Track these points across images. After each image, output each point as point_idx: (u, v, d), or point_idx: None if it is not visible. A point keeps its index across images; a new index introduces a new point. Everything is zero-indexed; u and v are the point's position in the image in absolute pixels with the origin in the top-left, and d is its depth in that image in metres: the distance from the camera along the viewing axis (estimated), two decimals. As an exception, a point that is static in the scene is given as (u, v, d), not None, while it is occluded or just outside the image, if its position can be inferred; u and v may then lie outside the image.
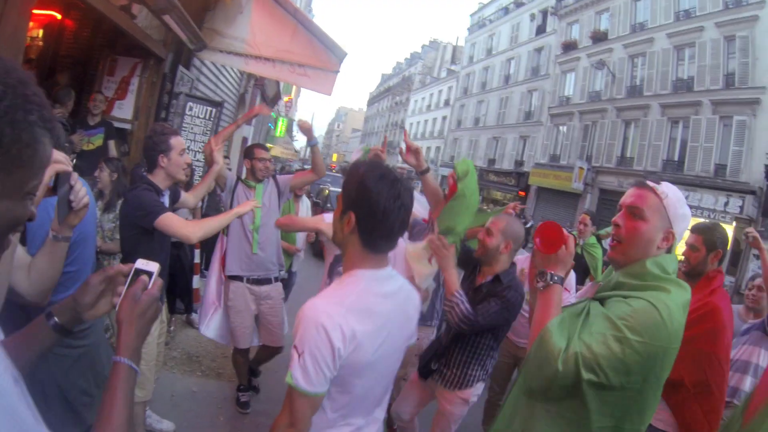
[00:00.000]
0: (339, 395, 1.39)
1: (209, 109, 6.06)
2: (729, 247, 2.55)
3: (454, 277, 2.58)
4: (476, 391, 2.85)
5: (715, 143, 16.19)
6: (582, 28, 24.08)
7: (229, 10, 4.93)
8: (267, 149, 3.82)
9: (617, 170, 20.33)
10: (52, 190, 1.33)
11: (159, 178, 2.67)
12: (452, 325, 2.58)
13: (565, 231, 1.62)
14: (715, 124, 16.29)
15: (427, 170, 2.92)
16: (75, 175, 1.36)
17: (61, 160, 1.32)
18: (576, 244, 5.23)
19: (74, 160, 2.93)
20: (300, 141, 37.64)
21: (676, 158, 17.83)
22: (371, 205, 1.36)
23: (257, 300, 3.68)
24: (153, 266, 1.07)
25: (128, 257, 2.60)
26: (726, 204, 15.30)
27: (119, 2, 3.90)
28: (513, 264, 2.81)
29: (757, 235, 3.15)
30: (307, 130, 3.82)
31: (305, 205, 5.55)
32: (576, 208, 21.88)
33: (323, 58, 5.00)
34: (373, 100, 68.72)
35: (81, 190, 1.39)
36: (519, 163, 28.00)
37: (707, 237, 2.51)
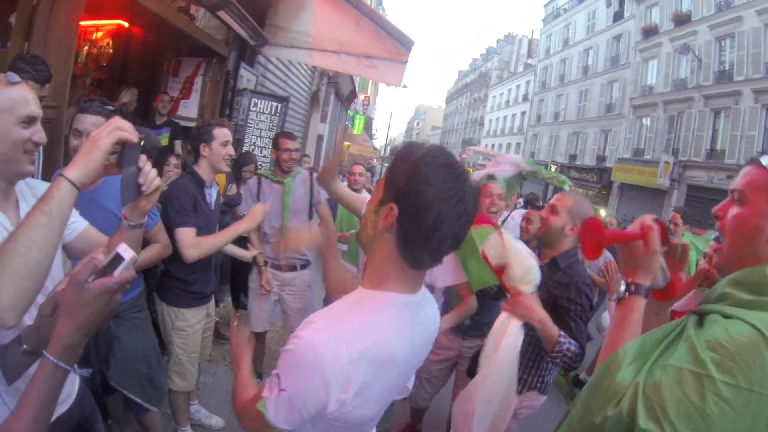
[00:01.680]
0: None
1: (274, 104, 6.09)
2: None
3: (549, 322, 2.04)
4: (527, 401, 2.43)
5: (818, 132, 14.23)
6: (662, 10, 22.14)
7: (290, 5, 5.01)
8: (294, 138, 3.49)
9: (707, 164, 18.52)
10: (117, 165, 1.17)
11: (202, 169, 2.68)
12: (565, 369, 2.13)
13: (643, 223, 1.26)
14: (816, 110, 14.33)
15: None
16: (143, 156, 1.21)
17: (124, 128, 1.15)
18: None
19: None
20: (380, 138, 37.78)
21: (772, 149, 15.91)
22: (422, 201, 1.00)
23: (280, 286, 3.60)
24: (128, 254, 0.93)
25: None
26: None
27: (177, 4, 4.11)
28: (575, 247, 2.36)
29: None
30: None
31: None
32: (662, 205, 20.28)
33: (390, 48, 4.87)
34: (451, 98, 68.32)
35: (151, 172, 1.23)
36: (601, 159, 26.40)
37: None
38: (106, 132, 1.12)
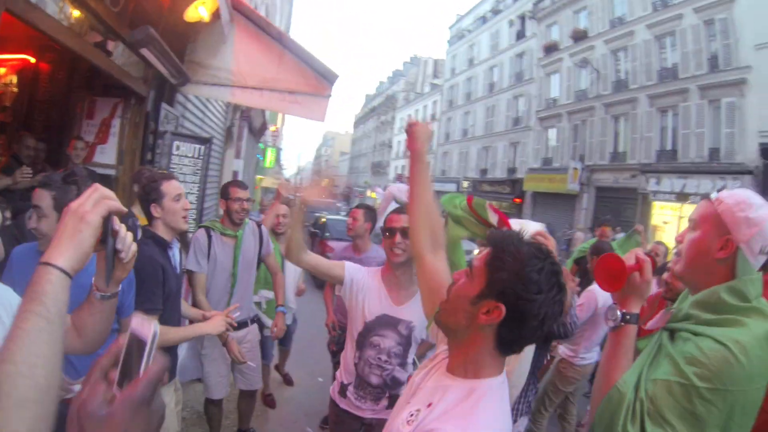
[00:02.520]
0: None
1: (197, 146, 5.66)
2: None
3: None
4: (519, 427, 2.64)
5: (707, 128, 16.17)
6: (561, 28, 24.24)
7: (211, 40, 4.71)
8: (245, 187, 3.42)
9: (612, 166, 20.26)
10: (101, 241, 0.99)
11: (160, 230, 2.40)
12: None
13: (638, 256, 1.39)
14: (704, 109, 16.26)
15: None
16: (115, 219, 1.03)
17: (110, 195, 0.99)
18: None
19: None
20: (289, 170, 37.72)
21: (669, 147, 17.73)
22: (533, 308, 1.06)
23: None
24: (149, 329, 0.67)
25: None
26: (724, 187, 15.09)
27: (93, 39, 3.68)
28: None
29: None
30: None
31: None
32: (574, 209, 21.74)
33: (314, 83, 4.79)
34: (358, 122, 69.17)
35: (128, 235, 1.08)
36: (512, 171, 27.92)
37: None
38: (91, 204, 0.93)
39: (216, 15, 4.00)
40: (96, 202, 0.94)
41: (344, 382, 2.46)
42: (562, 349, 3.87)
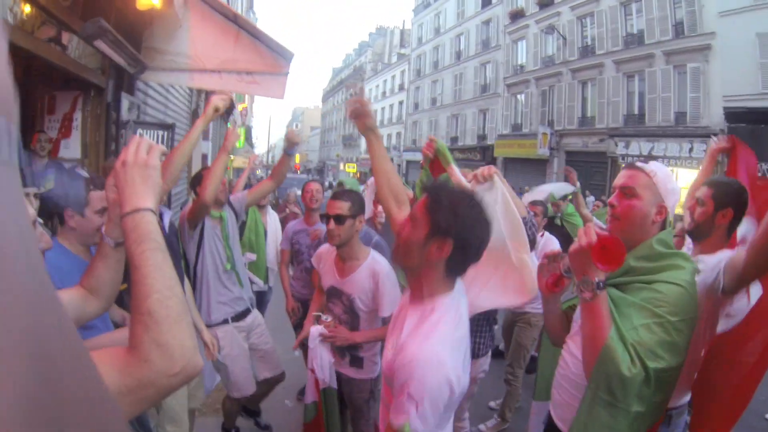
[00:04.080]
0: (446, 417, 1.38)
1: (161, 133, 5.69)
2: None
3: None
4: (484, 365, 3.04)
5: (672, 92, 16.43)
6: (527, -6, 23.98)
7: (167, 25, 4.59)
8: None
9: (580, 131, 20.47)
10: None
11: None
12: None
13: (596, 232, 1.51)
14: (670, 74, 16.47)
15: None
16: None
17: (151, 142, 1.12)
18: (555, 216, 5.38)
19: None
20: (260, 147, 37.19)
21: (636, 112, 17.99)
22: (470, 236, 1.35)
23: (247, 335, 3.31)
24: None
25: None
26: (690, 150, 15.50)
27: (47, 34, 3.50)
28: None
29: None
30: (294, 143, 3.70)
31: (272, 217, 5.24)
32: (545, 173, 21.97)
33: (270, 61, 4.78)
34: (327, 96, 67.73)
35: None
36: (482, 138, 27.98)
37: (717, 191, 2.14)
38: (144, 150, 1.07)
39: (169, 0, 3.90)
40: (150, 149, 1.07)
41: None
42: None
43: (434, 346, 1.28)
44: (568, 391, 1.70)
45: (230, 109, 18.67)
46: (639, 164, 1.70)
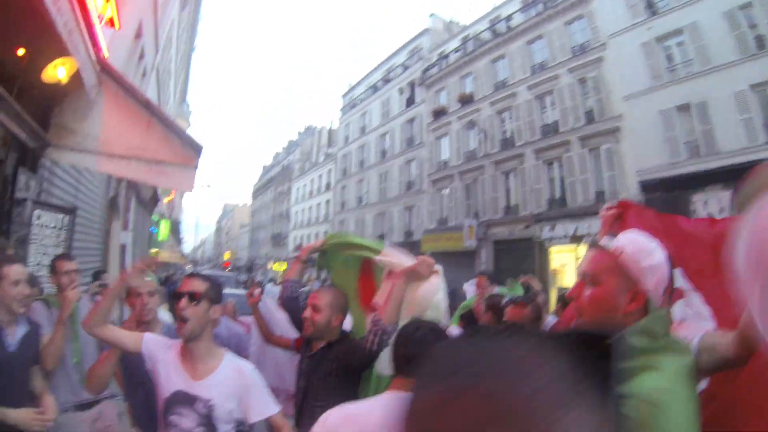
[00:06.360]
0: None
1: (61, 216, 5.38)
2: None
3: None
4: None
5: (590, 173, 17.20)
6: (449, 93, 25.29)
7: (79, 103, 4.51)
8: (72, 258, 3.32)
9: (506, 220, 20.59)
10: None
11: None
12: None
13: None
14: (586, 157, 17.30)
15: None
16: None
17: None
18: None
19: None
20: (189, 243, 35.51)
21: (558, 195, 18.45)
22: None
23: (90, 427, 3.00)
24: None
25: None
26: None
27: None
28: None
29: None
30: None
31: None
32: (474, 265, 21.50)
33: (180, 152, 4.67)
34: (257, 193, 67.05)
35: None
36: (408, 234, 27.63)
37: None
38: None
39: (79, 77, 3.79)
40: None
41: None
42: None
43: None
44: None
45: (154, 201, 17.53)
46: (603, 242, 1.47)
